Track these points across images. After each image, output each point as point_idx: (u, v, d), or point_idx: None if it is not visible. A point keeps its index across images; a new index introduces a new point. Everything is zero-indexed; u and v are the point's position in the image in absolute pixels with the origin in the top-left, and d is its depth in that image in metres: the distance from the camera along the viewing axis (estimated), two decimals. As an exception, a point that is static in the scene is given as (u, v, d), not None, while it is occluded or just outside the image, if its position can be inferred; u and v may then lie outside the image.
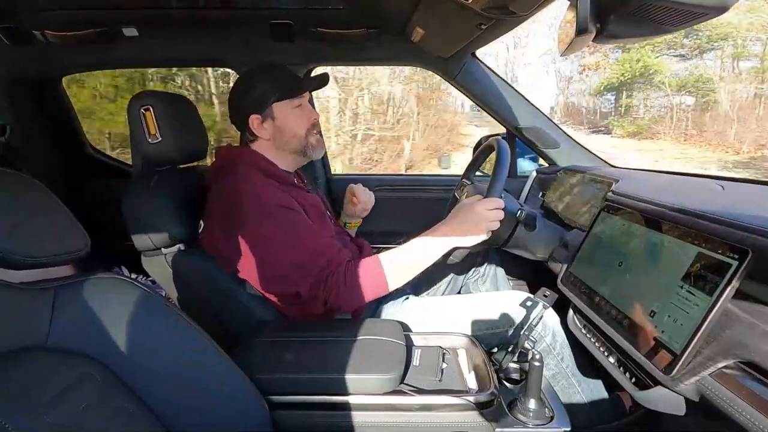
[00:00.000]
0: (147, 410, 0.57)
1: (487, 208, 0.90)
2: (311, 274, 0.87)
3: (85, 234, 0.61)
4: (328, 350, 0.77)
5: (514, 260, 1.23)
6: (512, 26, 1.00)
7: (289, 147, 1.03)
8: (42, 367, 0.49)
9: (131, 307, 0.60)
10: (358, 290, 0.87)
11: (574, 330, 0.90)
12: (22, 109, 1.56)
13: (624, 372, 0.72)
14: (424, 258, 0.91)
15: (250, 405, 0.66)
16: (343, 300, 0.87)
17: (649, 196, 0.80)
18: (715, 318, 0.54)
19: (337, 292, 0.86)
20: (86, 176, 1.75)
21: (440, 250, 0.91)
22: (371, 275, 0.88)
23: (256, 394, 0.67)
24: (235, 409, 0.64)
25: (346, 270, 0.87)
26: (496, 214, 0.90)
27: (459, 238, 0.90)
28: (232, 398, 0.64)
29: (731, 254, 0.55)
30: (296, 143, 1.03)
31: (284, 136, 1.01)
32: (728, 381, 0.52)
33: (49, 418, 0.46)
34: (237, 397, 0.65)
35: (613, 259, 0.79)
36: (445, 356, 0.84)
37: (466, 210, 0.91)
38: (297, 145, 1.03)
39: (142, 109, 0.92)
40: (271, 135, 1.01)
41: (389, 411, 0.71)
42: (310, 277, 0.87)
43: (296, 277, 0.87)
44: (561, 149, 1.49)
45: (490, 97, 1.46)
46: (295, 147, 1.03)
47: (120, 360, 0.57)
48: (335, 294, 0.86)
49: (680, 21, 0.55)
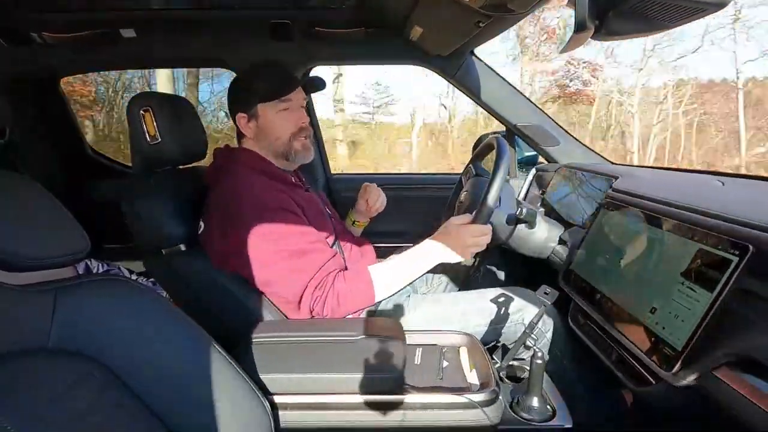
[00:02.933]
0: (148, 410, 0.58)
1: (473, 235, 0.92)
2: (302, 282, 0.88)
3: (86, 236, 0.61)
4: (329, 350, 0.77)
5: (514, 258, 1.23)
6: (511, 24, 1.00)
7: (271, 149, 1.02)
8: (43, 368, 0.49)
9: (132, 308, 0.60)
10: (345, 302, 0.88)
11: (575, 327, 0.90)
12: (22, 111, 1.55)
13: (625, 368, 0.72)
14: (411, 273, 0.94)
15: (252, 405, 0.66)
16: (329, 309, 0.88)
17: (649, 192, 0.80)
18: (715, 314, 0.54)
19: (324, 302, 0.87)
20: (86, 177, 1.75)
21: (426, 266, 0.95)
22: (360, 287, 0.90)
23: (257, 394, 0.67)
24: (237, 409, 0.64)
25: (335, 280, 0.89)
26: (482, 240, 0.93)
27: (444, 257, 0.93)
28: (234, 398, 0.64)
29: (732, 250, 0.55)
30: (278, 146, 1.01)
31: (267, 137, 1.00)
32: (729, 377, 0.52)
33: (50, 418, 0.46)
34: (239, 397, 0.65)
35: (613, 256, 0.79)
36: (446, 354, 0.84)
37: (453, 233, 0.94)
38: (279, 148, 1.01)
39: (141, 111, 0.92)
40: (254, 135, 1.01)
41: (391, 410, 0.71)
42: (301, 285, 0.88)
43: (286, 281, 0.88)
44: (560, 147, 1.49)
45: (489, 95, 1.46)
46: (276, 150, 1.01)
47: (121, 361, 0.57)
48: (322, 303, 0.88)
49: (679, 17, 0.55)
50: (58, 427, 0.47)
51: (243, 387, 0.66)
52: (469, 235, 0.92)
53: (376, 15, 1.29)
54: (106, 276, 0.61)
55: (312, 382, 0.72)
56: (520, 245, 1.11)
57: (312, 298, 0.87)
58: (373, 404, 0.71)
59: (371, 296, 0.90)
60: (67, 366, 0.52)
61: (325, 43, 1.42)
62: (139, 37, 1.37)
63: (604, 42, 0.66)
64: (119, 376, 0.56)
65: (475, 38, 1.12)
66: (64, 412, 0.48)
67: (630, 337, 0.67)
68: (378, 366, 0.73)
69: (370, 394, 0.71)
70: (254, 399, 0.67)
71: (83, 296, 0.56)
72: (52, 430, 0.46)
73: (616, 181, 0.98)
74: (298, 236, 0.90)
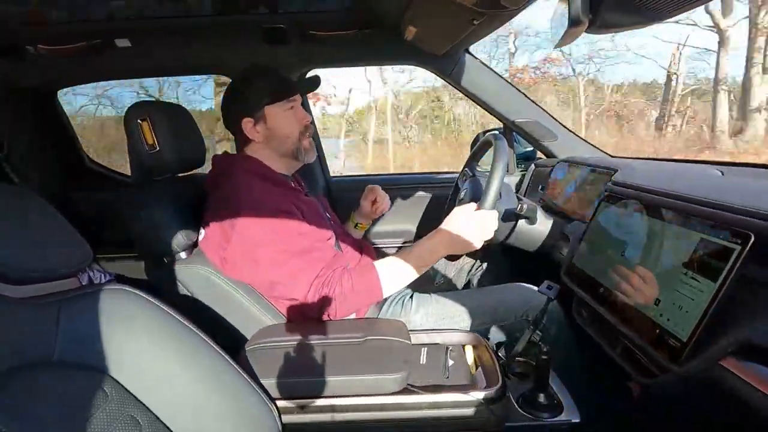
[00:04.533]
0: (156, 421, 0.57)
1: (480, 222, 0.91)
2: (307, 281, 0.87)
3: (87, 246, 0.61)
4: (334, 352, 0.77)
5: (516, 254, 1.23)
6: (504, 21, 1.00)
7: (281, 150, 1.02)
8: (49, 381, 0.49)
9: (135, 318, 0.60)
10: (354, 298, 0.88)
11: (580, 321, 0.90)
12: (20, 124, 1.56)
13: (631, 361, 0.72)
14: (419, 266, 0.93)
15: (259, 410, 0.66)
16: (338, 306, 0.87)
17: (649, 184, 0.80)
18: (720, 304, 0.54)
19: (332, 299, 0.87)
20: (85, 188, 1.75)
21: (434, 258, 0.94)
22: (367, 283, 0.89)
23: (264, 399, 0.67)
24: (244, 415, 0.64)
25: (342, 277, 0.88)
26: (491, 225, 0.91)
27: (453, 248, 0.92)
28: (241, 405, 0.64)
29: (734, 239, 0.55)
30: (289, 146, 1.02)
31: (277, 138, 1.01)
32: (735, 366, 0.52)
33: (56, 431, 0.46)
34: (246, 404, 0.65)
35: (615, 249, 0.79)
36: (452, 353, 0.84)
37: (460, 221, 0.92)
38: (290, 148, 1.02)
39: (138, 120, 0.92)
40: (264, 138, 1.00)
41: (398, 411, 0.71)
42: (306, 284, 0.87)
43: (293, 283, 0.88)
44: (559, 141, 1.49)
45: (485, 92, 1.46)
46: (287, 150, 1.03)
47: (127, 371, 0.57)
48: (329, 300, 0.87)
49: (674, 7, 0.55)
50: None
51: (249, 393, 0.66)
52: (475, 222, 0.91)
53: (370, 16, 1.29)
54: (110, 286, 0.61)
55: (318, 385, 0.72)
56: (521, 241, 1.10)
57: (319, 296, 0.87)
58: (379, 405, 0.71)
59: (379, 292, 0.89)
60: (74, 378, 0.52)
61: (320, 46, 1.42)
62: (135, 47, 1.37)
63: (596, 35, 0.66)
64: (126, 388, 0.56)
65: (470, 36, 1.12)
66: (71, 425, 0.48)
67: (635, 329, 0.67)
68: (383, 367, 0.73)
69: (376, 395, 0.71)
70: (261, 404, 0.67)
71: (87, 308, 0.56)
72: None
73: (615, 174, 0.98)
74: (300, 237, 0.90)
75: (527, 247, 1.11)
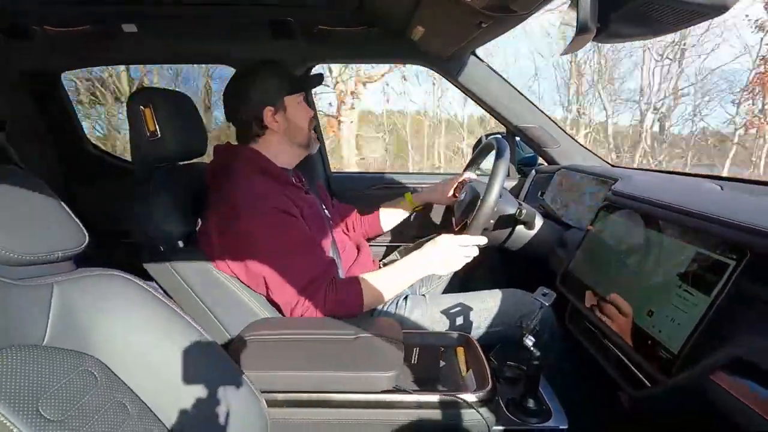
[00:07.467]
0: (145, 407, 0.58)
1: (463, 245, 0.95)
2: (292, 284, 0.88)
3: (83, 230, 0.61)
4: (325, 347, 0.77)
5: (513, 259, 1.24)
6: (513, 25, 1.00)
7: (297, 140, 1.06)
8: (39, 363, 0.49)
9: (129, 304, 0.60)
10: (333, 310, 0.89)
11: (572, 329, 0.90)
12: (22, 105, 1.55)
13: (621, 371, 0.72)
14: (400, 284, 0.97)
15: (248, 402, 0.66)
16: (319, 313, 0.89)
17: (648, 195, 0.80)
18: (713, 318, 0.54)
19: (316, 305, 0.88)
20: (85, 173, 1.75)
21: (415, 277, 0.98)
22: (349, 297, 0.91)
23: (253, 391, 0.67)
24: (234, 405, 0.64)
25: (327, 288, 0.89)
26: (471, 251, 0.96)
27: (432, 268, 0.97)
28: (229, 395, 0.64)
29: (729, 254, 0.55)
30: (303, 136, 1.06)
31: (293, 128, 1.04)
32: (726, 381, 0.52)
33: (47, 414, 0.46)
34: (234, 394, 0.65)
35: (611, 258, 0.79)
36: (443, 354, 0.85)
37: (442, 245, 0.96)
38: (303, 138, 1.07)
39: (141, 107, 0.92)
40: (283, 127, 1.02)
41: (387, 409, 0.72)
42: (290, 287, 0.88)
43: (278, 284, 0.89)
44: (561, 148, 1.49)
45: (490, 95, 1.46)
46: (302, 140, 1.07)
47: (118, 357, 0.57)
48: (312, 309, 0.88)
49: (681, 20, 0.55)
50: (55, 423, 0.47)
51: (240, 384, 0.66)
52: (457, 246, 0.95)
53: (378, 15, 1.29)
54: (103, 271, 0.61)
55: (308, 379, 0.72)
56: (519, 246, 1.11)
57: (302, 304, 0.88)
58: (368, 403, 0.71)
59: (360, 306, 0.92)
60: (64, 361, 0.52)
61: (327, 42, 1.42)
62: (141, 32, 1.37)
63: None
64: (116, 373, 0.56)
65: (477, 39, 1.12)
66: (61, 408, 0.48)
67: (627, 340, 0.67)
68: (374, 365, 0.73)
69: (365, 392, 0.71)
70: (251, 396, 0.67)
71: (80, 291, 0.56)
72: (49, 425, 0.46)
73: (615, 184, 0.98)
74: (293, 239, 0.91)
75: (524, 252, 1.11)
